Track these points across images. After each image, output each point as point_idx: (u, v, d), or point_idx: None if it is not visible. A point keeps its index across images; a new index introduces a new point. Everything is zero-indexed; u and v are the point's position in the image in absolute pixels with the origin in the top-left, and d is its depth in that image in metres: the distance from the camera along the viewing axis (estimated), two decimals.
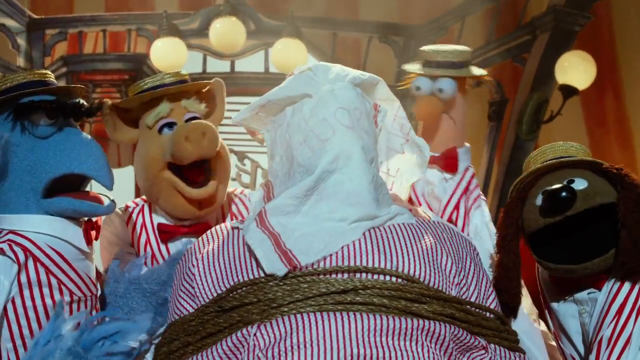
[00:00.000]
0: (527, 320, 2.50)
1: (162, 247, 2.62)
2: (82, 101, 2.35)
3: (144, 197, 2.74)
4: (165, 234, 2.61)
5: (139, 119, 2.61)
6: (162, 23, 6.06)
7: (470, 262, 2.06)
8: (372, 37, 6.57)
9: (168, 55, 5.93)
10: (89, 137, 2.32)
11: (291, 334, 1.84)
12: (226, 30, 5.90)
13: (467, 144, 2.82)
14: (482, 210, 2.76)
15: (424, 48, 2.76)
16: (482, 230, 2.68)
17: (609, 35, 6.52)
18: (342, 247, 1.93)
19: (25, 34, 6.36)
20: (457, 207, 2.72)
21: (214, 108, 2.68)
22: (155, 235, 2.62)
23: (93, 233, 2.36)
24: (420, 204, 2.71)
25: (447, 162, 2.73)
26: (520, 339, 2.13)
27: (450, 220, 2.71)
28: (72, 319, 2.18)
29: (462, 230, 2.71)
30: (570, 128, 6.41)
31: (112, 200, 2.36)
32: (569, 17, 6.34)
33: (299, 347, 1.83)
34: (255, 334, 1.87)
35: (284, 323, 1.86)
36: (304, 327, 1.84)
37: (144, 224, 2.64)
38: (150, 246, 2.62)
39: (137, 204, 2.72)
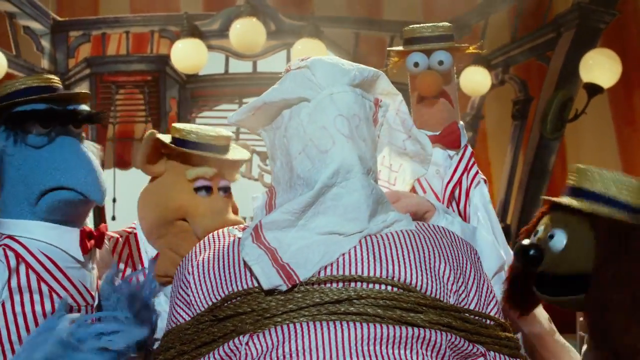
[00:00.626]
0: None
1: None
2: (79, 108, 2.30)
3: (126, 228, 2.74)
4: None
5: (174, 153, 2.60)
6: (183, 24, 6.08)
7: (471, 268, 2.02)
8: (394, 36, 6.54)
9: (188, 56, 5.96)
10: (85, 148, 2.27)
11: (283, 342, 1.82)
12: (246, 31, 5.92)
13: (461, 122, 2.75)
14: (482, 190, 2.70)
15: (409, 27, 2.71)
16: (480, 211, 2.64)
17: (637, 32, 6.43)
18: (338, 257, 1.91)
19: (50, 36, 6.43)
20: (459, 182, 2.67)
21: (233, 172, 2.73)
22: (143, 265, 2.62)
23: (91, 242, 2.33)
24: (423, 189, 2.66)
25: (450, 138, 2.67)
26: None
27: (452, 196, 2.66)
28: (70, 317, 2.16)
29: (465, 209, 2.67)
30: (598, 127, 6.36)
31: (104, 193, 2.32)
32: (594, 15, 6.26)
33: (291, 355, 1.80)
34: (247, 343, 1.85)
35: (276, 332, 1.83)
36: (296, 336, 1.82)
37: (130, 255, 2.64)
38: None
39: (121, 235, 2.71)
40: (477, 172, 2.70)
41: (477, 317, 1.97)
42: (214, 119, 6.60)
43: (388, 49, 2.83)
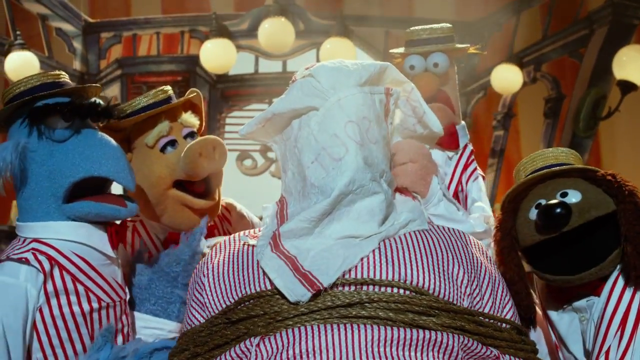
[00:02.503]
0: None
1: None
2: (98, 101, 2.28)
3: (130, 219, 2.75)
4: (175, 244, 2.61)
5: (130, 138, 2.59)
6: (212, 24, 6.10)
7: (485, 271, 2.01)
8: None
9: (217, 56, 5.97)
10: (108, 137, 2.27)
11: (294, 344, 1.82)
12: (275, 31, 5.91)
13: (462, 122, 2.79)
14: (479, 184, 2.73)
15: (409, 29, 2.76)
16: (476, 202, 2.67)
17: None
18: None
19: (81, 37, 6.49)
20: (459, 182, 2.71)
21: (202, 119, 2.70)
22: (158, 250, 2.62)
23: (118, 238, 2.32)
24: None
25: (448, 140, 2.68)
26: None
27: (455, 195, 2.68)
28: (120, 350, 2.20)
29: (465, 206, 2.67)
30: (633, 124, 6.25)
31: (135, 202, 2.31)
32: (628, 10, 6.15)
33: (301, 356, 1.80)
34: (258, 345, 1.86)
35: (287, 335, 1.84)
36: (306, 337, 1.82)
37: (143, 244, 2.64)
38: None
39: (127, 227, 2.71)
40: (475, 169, 2.73)
41: (491, 321, 1.95)
42: (244, 119, 6.60)
43: (390, 50, 2.84)
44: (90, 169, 2.20)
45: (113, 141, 2.27)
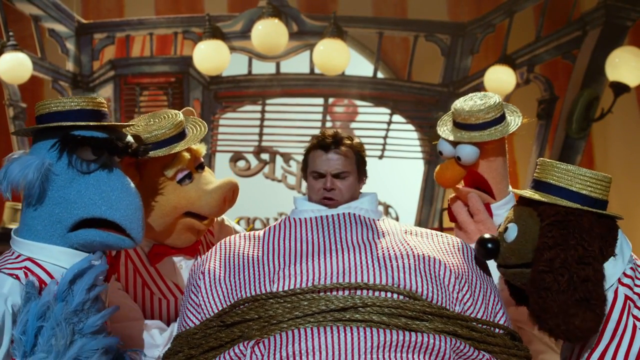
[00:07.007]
0: None
1: (152, 270, 2.64)
2: (130, 142, 2.28)
3: None
4: (159, 256, 2.64)
5: (140, 163, 2.55)
6: (205, 26, 6.10)
7: (477, 278, 2.03)
8: (418, 35, 6.51)
9: (210, 57, 5.97)
10: (131, 183, 2.23)
11: (287, 344, 1.84)
12: (268, 32, 5.90)
13: (508, 194, 2.55)
14: None
15: (454, 104, 2.51)
16: None
17: None
18: (343, 263, 1.91)
19: (74, 38, 6.46)
20: None
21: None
22: (143, 262, 2.64)
23: (111, 271, 2.28)
24: None
25: None
26: None
27: None
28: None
29: None
30: (625, 125, 6.26)
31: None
32: (621, 12, 6.17)
33: (294, 356, 1.82)
34: (253, 346, 1.88)
35: (281, 337, 1.86)
36: (299, 338, 1.84)
37: (128, 256, 2.63)
38: (140, 274, 2.63)
39: (120, 260, 2.70)
40: None
41: (484, 326, 1.96)
42: (238, 120, 6.61)
43: (438, 131, 2.56)
44: (105, 211, 2.17)
45: (134, 188, 2.23)
